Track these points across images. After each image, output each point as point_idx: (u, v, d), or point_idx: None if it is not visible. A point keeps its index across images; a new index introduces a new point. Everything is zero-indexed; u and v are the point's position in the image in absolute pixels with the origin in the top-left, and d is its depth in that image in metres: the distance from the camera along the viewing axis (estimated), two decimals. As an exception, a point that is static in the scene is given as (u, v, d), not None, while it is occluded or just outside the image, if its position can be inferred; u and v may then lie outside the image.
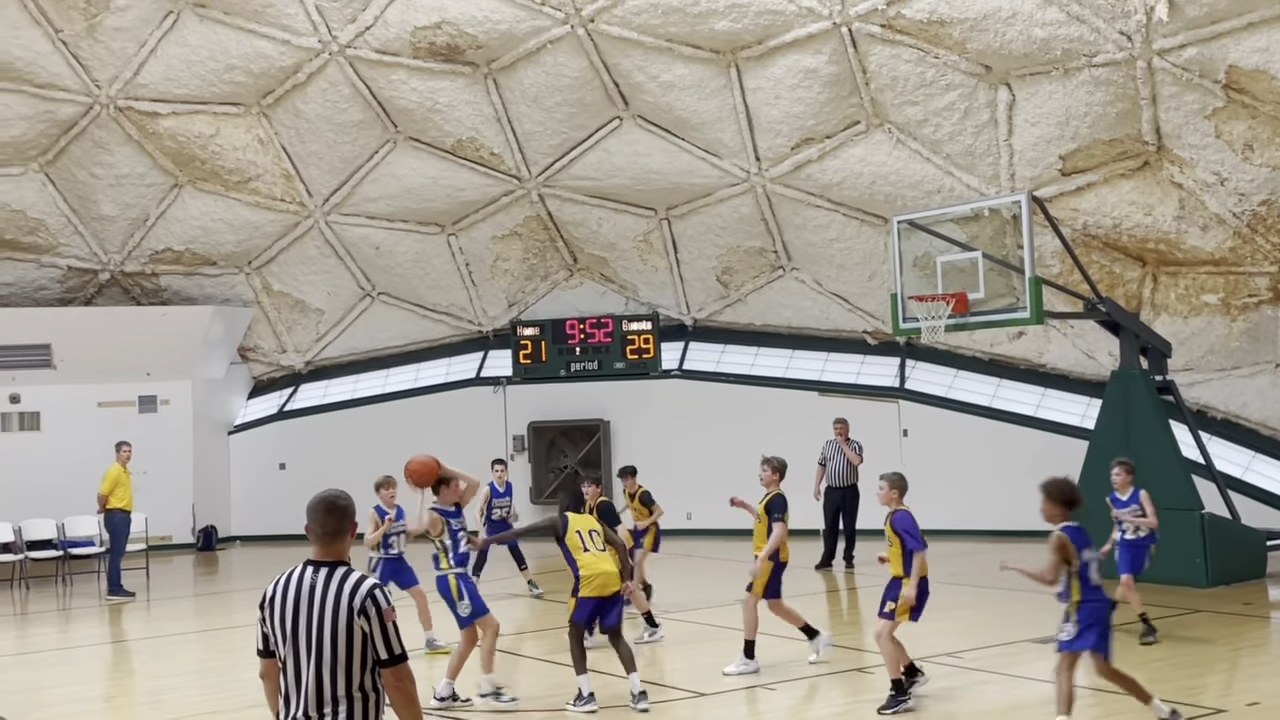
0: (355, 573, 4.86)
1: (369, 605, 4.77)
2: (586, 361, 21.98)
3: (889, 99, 17.60)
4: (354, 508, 4.99)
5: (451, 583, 9.73)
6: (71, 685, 11.81)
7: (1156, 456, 15.05)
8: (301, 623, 4.77)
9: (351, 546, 4.97)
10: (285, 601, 4.83)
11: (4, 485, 20.57)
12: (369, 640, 4.77)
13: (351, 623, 4.74)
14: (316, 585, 4.81)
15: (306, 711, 4.74)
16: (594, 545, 9.73)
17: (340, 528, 4.91)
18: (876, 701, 9.89)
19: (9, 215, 20.77)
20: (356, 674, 4.76)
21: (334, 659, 4.73)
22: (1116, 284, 17.82)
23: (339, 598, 4.77)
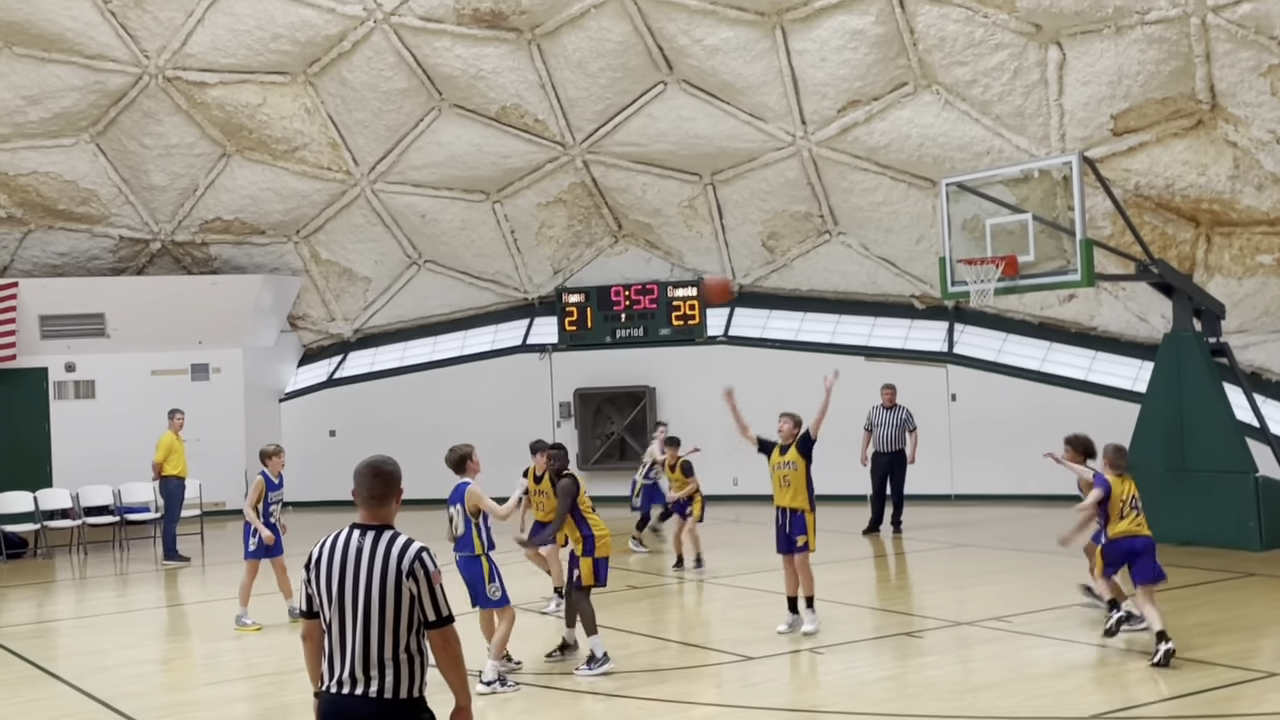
0: (402, 536, 4.88)
1: (417, 567, 4.79)
2: (632, 328, 21.99)
3: (937, 59, 17.41)
4: (400, 474, 5.02)
5: (485, 566, 9.70)
6: (130, 648, 12.02)
7: (1210, 419, 14.91)
8: (349, 585, 4.80)
9: (396, 513, 5.00)
10: (332, 564, 4.87)
11: (61, 452, 20.92)
12: (416, 602, 4.80)
13: (400, 585, 4.76)
14: (364, 548, 4.84)
15: (353, 673, 4.78)
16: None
17: (386, 492, 4.94)
18: (925, 665, 9.88)
19: (62, 186, 21.01)
20: (404, 636, 4.78)
21: (382, 621, 4.76)
22: (1169, 245, 17.59)
23: (387, 560, 4.79)
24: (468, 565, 9.71)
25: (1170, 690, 8.69)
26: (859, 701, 8.72)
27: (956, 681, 9.46)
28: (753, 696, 9.05)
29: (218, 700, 9.66)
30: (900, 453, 17.29)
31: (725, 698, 9.20)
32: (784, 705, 8.70)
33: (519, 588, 13.63)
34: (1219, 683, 8.74)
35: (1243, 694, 8.57)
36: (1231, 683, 8.75)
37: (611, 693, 9.26)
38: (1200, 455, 14.91)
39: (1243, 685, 8.73)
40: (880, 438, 17.38)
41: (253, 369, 22.70)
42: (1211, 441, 14.86)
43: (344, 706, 4.80)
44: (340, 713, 4.82)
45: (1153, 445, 15.34)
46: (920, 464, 18.00)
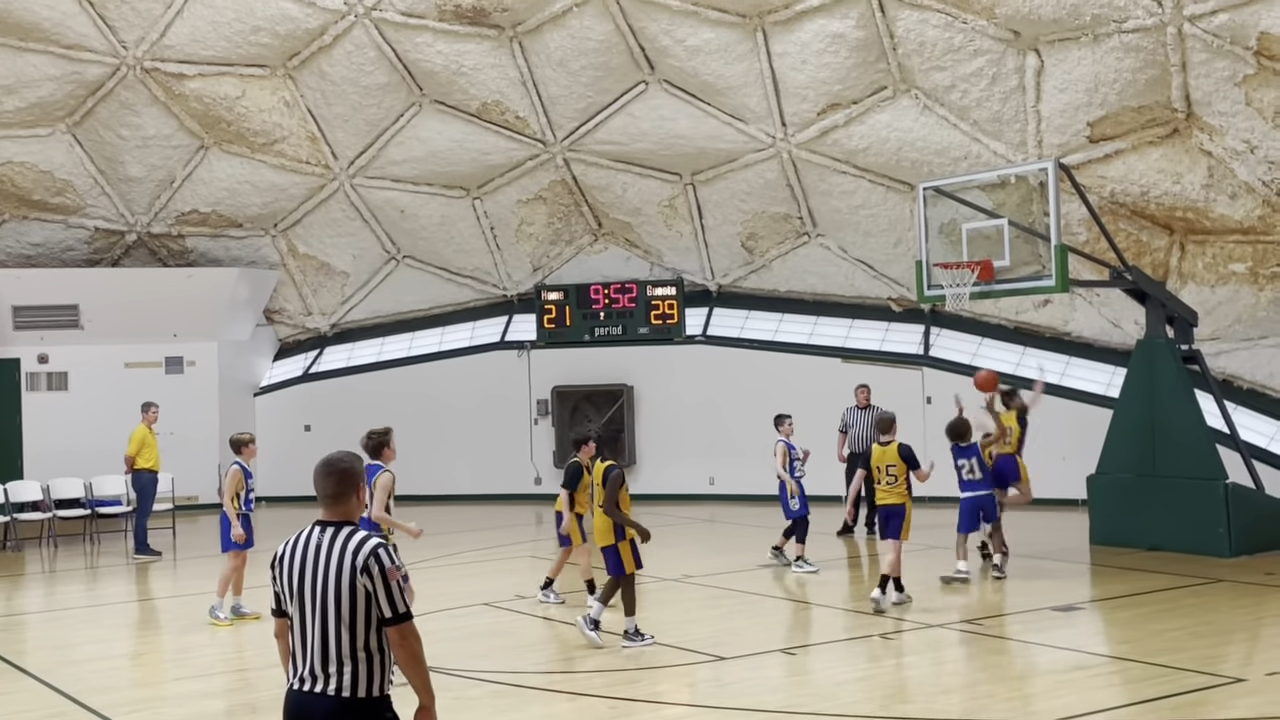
0: (360, 533, 4.88)
1: (372, 563, 4.76)
2: (610, 326, 22.00)
3: (916, 64, 17.48)
4: (358, 469, 4.99)
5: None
6: (99, 643, 11.96)
7: (1181, 426, 15.02)
8: (308, 582, 4.81)
9: (360, 510, 5.00)
10: (293, 560, 4.88)
11: (32, 444, 20.81)
12: (372, 598, 4.76)
13: (355, 580, 4.75)
14: (323, 544, 4.84)
15: (313, 670, 4.79)
16: None
17: (341, 490, 4.93)
18: (899, 666, 9.94)
19: (37, 176, 20.88)
20: (361, 633, 4.77)
21: (338, 618, 4.76)
22: (1143, 252, 17.71)
23: (343, 556, 4.78)
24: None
25: (1138, 695, 8.76)
26: (831, 703, 8.76)
27: (928, 683, 9.51)
28: (725, 697, 9.08)
29: (186, 696, 9.63)
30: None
31: (697, 698, 9.22)
32: (756, 706, 8.73)
33: (491, 585, 13.65)
34: (1186, 688, 8.81)
35: (1210, 699, 8.64)
36: (1199, 688, 8.82)
37: (583, 692, 9.28)
38: (1171, 461, 15.02)
39: (1210, 690, 8.80)
40: (855, 437, 17.42)
41: (228, 362, 22.61)
42: (1182, 448, 14.97)
43: (304, 703, 4.81)
44: (301, 710, 4.83)
45: (1124, 451, 15.45)
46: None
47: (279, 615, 5.01)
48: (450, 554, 16.48)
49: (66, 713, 9.10)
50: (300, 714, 4.83)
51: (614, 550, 10.62)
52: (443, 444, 22.56)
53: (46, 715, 9.06)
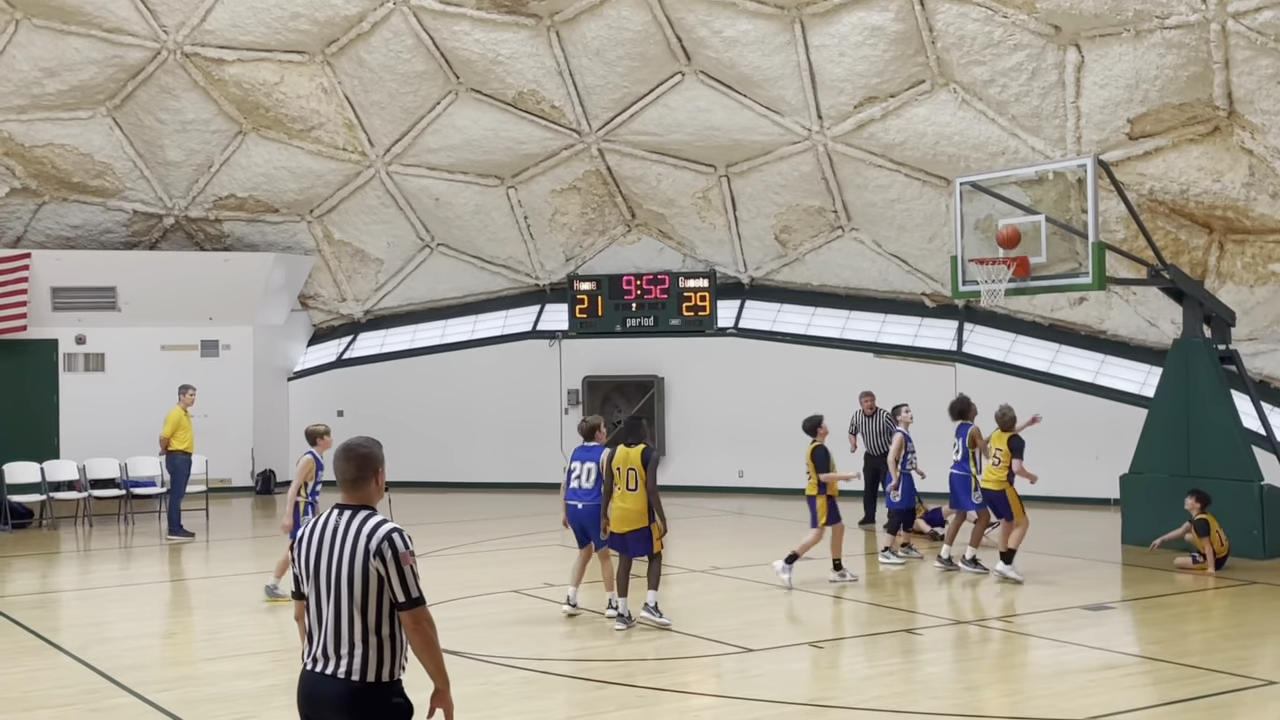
0: (376, 516, 4.89)
1: (385, 547, 4.77)
2: (642, 317, 22.00)
3: (955, 58, 17.38)
4: (376, 454, 5.00)
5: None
6: (132, 621, 12.09)
7: (1217, 426, 14.90)
8: (323, 564, 4.84)
9: (380, 495, 5.02)
10: (311, 543, 4.92)
11: (69, 424, 21.00)
12: (385, 583, 4.77)
13: (368, 564, 4.76)
14: (339, 527, 4.87)
15: (325, 651, 4.82)
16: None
17: (359, 475, 4.94)
18: (926, 662, 9.92)
19: (77, 158, 21.06)
20: (373, 617, 4.77)
21: (350, 601, 4.77)
22: (1181, 251, 17.56)
23: (356, 540, 4.80)
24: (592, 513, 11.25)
25: (1169, 695, 8.71)
26: (857, 696, 8.75)
27: (954, 679, 9.48)
28: (751, 689, 9.08)
29: (218, 675, 9.72)
30: (886, 455, 17.34)
31: (724, 689, 9.23)
32: (782, 698, 8.73)
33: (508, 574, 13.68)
34: (1218, 689, 8.75)
35: (1242, 701, 8.58)
36: (1231, 689, 8.77)
37: (611, 680, 9.30)
38: (1206, 462, 14.91)
39: (1242, 693, 8.74)
40: (869, 443, 17.54)
41: (262, 347, 22.76)
42: (1217, 448, 14.86)
43: (315, 684, 4.85)
44: (312, 690, 4.86)
45: (1159, 451, 15.35)
46: (925, 463, 18.02)
47: (298, 597, 5.04)
48: (479, 541, 16.55)
49: (99, 689, 9.20)
50: (311, 694, 4.87)
51: (647, 532, 10.92)
52: (473, 432, 22.64)
53: (80, 692, 9.16)
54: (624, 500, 10.99)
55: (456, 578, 13.65)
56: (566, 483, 11.61)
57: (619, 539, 11.12)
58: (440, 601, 11.71)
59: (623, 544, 11.14)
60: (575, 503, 11.47)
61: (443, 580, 13.26)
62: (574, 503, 11.48)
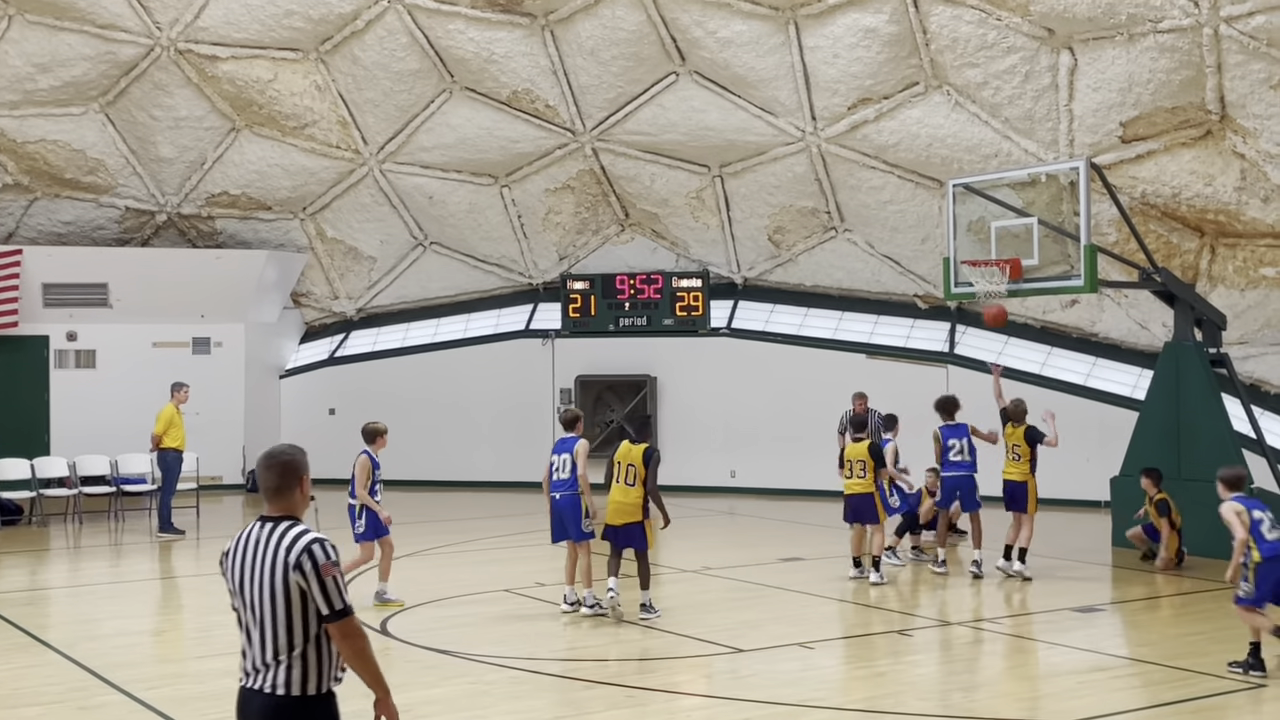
0: (298, 527, 4.73)
1: (304, 560, 4.61)
2: (635, 317, 22.01)
3: (949, 60, 17.40)
4: (299, 462, 4.85)
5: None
6: (121, 619, 12.07)
7: (1207, 429, 14.93)
8: (247, 578, 4.71)
9: (305, 504, 4.86)
10: (236, 556, 4.78)
11: (60, 421, 20.96)
12: (308, 595, 4.63)
13: (288, 577, 4.62)
14: (261, 540, 4.72)
15: (255, 665, 4.72)
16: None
17: (281, 484, 4.79)
18: (916, 663, 9.94)
19: (69, 155, 21.02)
20: (299, 630, 4.64)
21: (274, 614, 4.64)
22: (1173, 254, 17.60)
23: (277, 552, 4.65)
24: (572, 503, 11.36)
25: (1158, 698, 8.73)
26: (848, 697, 8.76)
27: (945, 681, 9.50)
28: (742, 689, 9.09)
29: (207, 673, 9.70)
30: None
31: (714, 689, 9.24)
32: (772, 699, 8.73)
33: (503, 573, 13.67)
34: (1207, 692, 8.78)
35: (1230, 704, 8.60)
36: (1219, 692, 8.79)
37: (601, 680, 9.30)
38: (1196, 465, 14.92)
39: (1231, 695, 8.76)
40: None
41: (254, 344, 22.73)
42: (1208, 452, 14.88)
43: (246, 699, 4.76)
44: (244, 705, 4.77)
45: (1149, 453, 15.37)
46: (916, 462, 18.08)
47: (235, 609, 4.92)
48: (471, 540, 16.54)
49: (89, 687, 9.19)
50: (244, 709, 4.78)
51: (640, 528, 11.17)
52: (466, 430, 22.64)
53: (69, 689, 9.14)
54: (621, 495, 11.18)
55: (448, 576, 13.64)
56: (549, 475, 11.62)
57: (612, 530, 11.30)
58: (432, 600, 11.74)
59: (615, 535, 11.31)
60: (555, 494, 11.54)
61: (434, 579, 13.26)
62: (554, 494, 11.55)
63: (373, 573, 12.08)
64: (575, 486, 11.33)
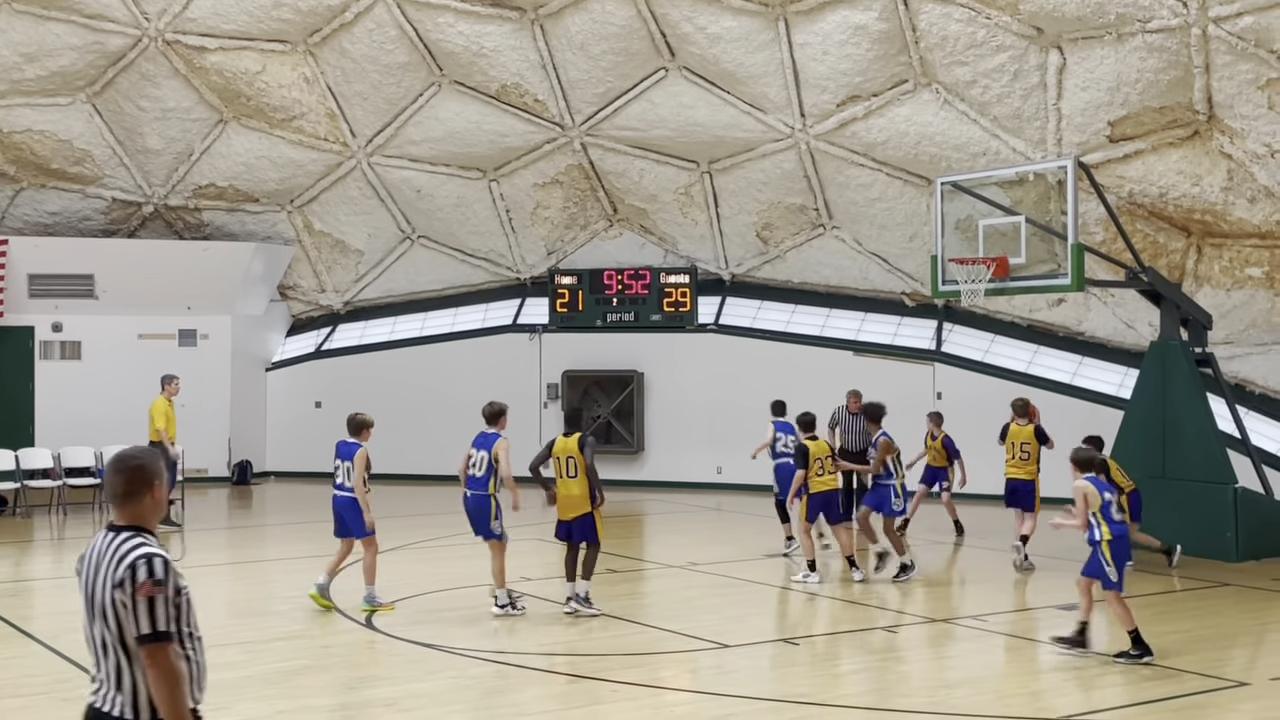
0: (134, 540, 4.40)
1: (126, 576, 4.30)
2: (623, 312, 22.00)
3: (938, 58, 17.42)
4: (150, 467, 4.51)
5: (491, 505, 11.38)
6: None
7: (1192, 428, 14.97)
8: (88, 590, 4.44)
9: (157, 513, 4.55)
10: (84, 566, 4.51)
11: (44, 412, 20.90)
12: (130, 613, 4.30)
13: (114, 594, 4.31)
14: (102, 551, 4.44)
15: (98, 683, 4.44)
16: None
17: (129, 490, 4.47)
18: (901, 660, 9.95)
19: (56, 145, 20.93)
20: (132, 649, 4.33)
21: (106, 630, 4.36)
22: (1160, 254, 17.65)
23: (110, 566, 4.36)
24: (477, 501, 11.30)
25: (1141, 695, 8.75)
26: (831, 694, 8.77)
27: (930, 677, 9.52)
28: (727, 685, 9.10)
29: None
30: (864, 452, 17.44)
31: (699, 684, 9.24)
32: (757, 694, 8.74)
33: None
34: (1190, 690, 8.81)
35: (1213, 702, 8.63)
36: (1202, 690, 8.82)
37: (586, 675, 9.30)
38: (1181, 464, 14.98)
39: (1213, 694, 8.79)
40: (848, 440, 17.54)
41: (241, 337, 22.67)
42: (1193, 451, 14.93)
43: (88, 715, 4.47)
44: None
45: (1134, 452, 15.40)
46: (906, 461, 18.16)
47: None
48: (455, 534, 16.51)
49: (72, 678, 9.15)
50: None
51: (591, 518, 11.19)
52: (452, 424, 22.55)
53: (53, 681, 9.12)
54: (566, 488, 11.25)
55: (431, 570, 13.63)
56: (465, 467, 11.45)
57: (565, 526, 11.33)
58: (416, 595, 11.73)
59: (568, 531, 11.33)
60: (467, 490, 11.37)
61: (418, 573, 13.24)
62: (466, 490, 11.37)
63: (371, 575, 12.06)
64: (486, 487, 11.18)
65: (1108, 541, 9.64)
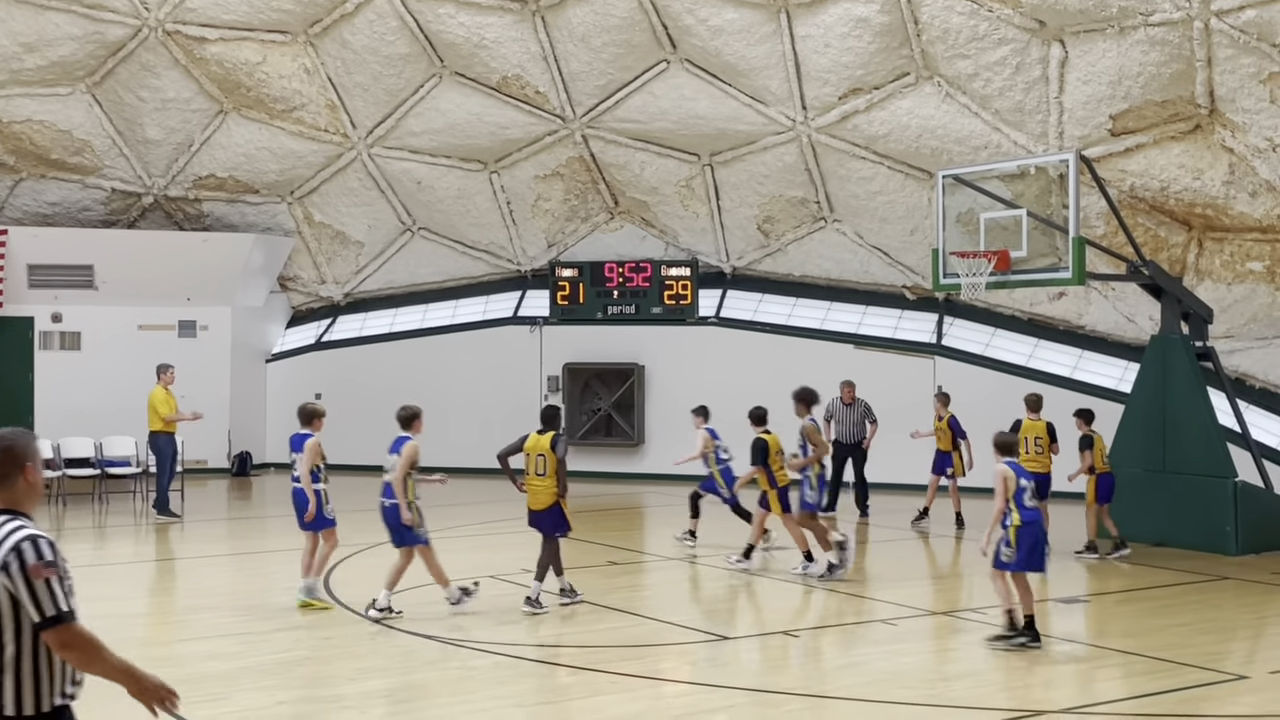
0: (14, 523, 4.27)
1: (11, 559, 4.15)
2: (624, 305, 21.98)
3: (940, 51, 17.39)
4: (22, 447, 4.39)
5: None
6: (104, 601, 12.00)
7: (1192, 422, 14.98)
8: None
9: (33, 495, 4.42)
10: None
11: (44, 403, 20.87)
12: (17, 601, 4.16)
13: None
14: None
15: None
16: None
17: (2, 471, 4.34)
18: (900, 652, 9.96)
19: (55, 135, 20.90)
20: (10, 639, 4.16)
21: None
22: (1161, 248, 17.63)
23: None
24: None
25: (1140, 689, 8.76)
26: (830, 686, 8.77)
27: (929, 670, 9.52)
28: (725, 676, 9.10)
29: (190, 657, 9.68)
30: (859, 444, 17.53)
31: (698, 676, 9.24)
32: (755, 686, 8.74)
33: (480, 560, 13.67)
34: (1188, 683, 8.81)
35: (1211, 695, 8.64)
36: (1201, 683, 8.82)
37: (584, 666, 9.30)
38: (1181, 458, 14.99)
39: (1212, 687, 8.80)
40: (842, 431, 17.61)
41: (241, 328, 22.65)
42: (1193, 444, 14.94)
43: None
44: None
45: (1134, 446, 15.42)
46: (903, 454, 18.17)
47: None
48: (456, 526, 16.52)
49: (71, 669, 9.14)
50: None
51: (559, 509, 11.11)
52: (452, 417, 22.57)
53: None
54: (534, 483, 11.21)
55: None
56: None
57: (535, 517, 11.27)
58: (416, 586, 11.70)
59: (538, 523, 11.28)
60: (384, 500, 10.98)
61: (418, 564, 13.22)
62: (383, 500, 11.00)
63: (371, 568, 12.05)
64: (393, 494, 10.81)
65: (1016, 526, 9.86)
